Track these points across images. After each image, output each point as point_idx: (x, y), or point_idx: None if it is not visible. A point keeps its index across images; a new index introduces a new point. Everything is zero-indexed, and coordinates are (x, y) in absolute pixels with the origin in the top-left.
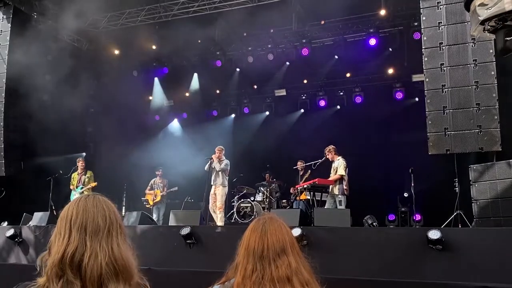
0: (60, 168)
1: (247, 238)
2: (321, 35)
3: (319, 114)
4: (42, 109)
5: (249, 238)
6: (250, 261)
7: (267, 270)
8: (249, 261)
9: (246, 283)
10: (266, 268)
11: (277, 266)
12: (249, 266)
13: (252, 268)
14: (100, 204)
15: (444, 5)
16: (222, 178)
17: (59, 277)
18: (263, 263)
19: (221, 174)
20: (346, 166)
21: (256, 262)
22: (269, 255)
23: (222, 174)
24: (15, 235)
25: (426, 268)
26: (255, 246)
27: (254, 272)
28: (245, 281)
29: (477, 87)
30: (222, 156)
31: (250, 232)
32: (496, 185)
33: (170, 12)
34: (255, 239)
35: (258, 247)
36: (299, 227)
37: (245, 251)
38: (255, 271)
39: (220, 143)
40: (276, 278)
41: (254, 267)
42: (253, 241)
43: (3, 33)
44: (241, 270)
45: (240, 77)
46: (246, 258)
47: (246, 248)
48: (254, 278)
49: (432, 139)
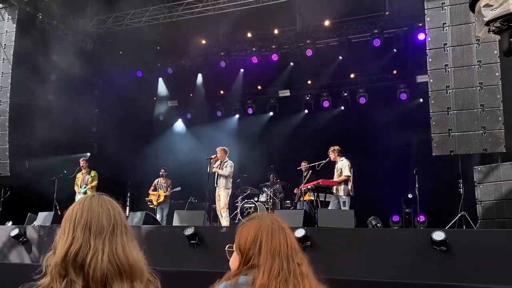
0: (65, 168)
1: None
2: (325, 36)
3: (323, 115)
4: (47, 109)
5: (270, 240)
6: (276, 262)
7: (291, 268)
8: (275, 262)
9: (271, 284)
10: (290, 266)
11: (297, 263)
12: (275, 266)
13: (278, 268)
14: (105, 204)
15: (449, 6)
16: (226, 180)
17: (63, 277)
18: (287, 262)
19: (224, 177)
20: (351, 167)
21: (282, 262)
22: (292, 253)
23: (226, 177)
24: (20, 234)
25: (430, 269)
26: (281, 247)
27: (280, 272)
28: (271, 282)
29: (482, 88)
30: (225, 157)
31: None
32: (500, 186)
33: (174, 13)
34: (279, 241)
35: (283, 248)
36: (303, 228)
37: (267, 253)
38: (281, 271)
39: (224, 144)
40: (299, 274)
41: (280, 267)
42: (277, 243)
43: (8, 34)
44: (265, 270)
45: (244, 77)
46: (271, 261)
47: (269, 251)
48: (281, 277)
49: (436, 140)
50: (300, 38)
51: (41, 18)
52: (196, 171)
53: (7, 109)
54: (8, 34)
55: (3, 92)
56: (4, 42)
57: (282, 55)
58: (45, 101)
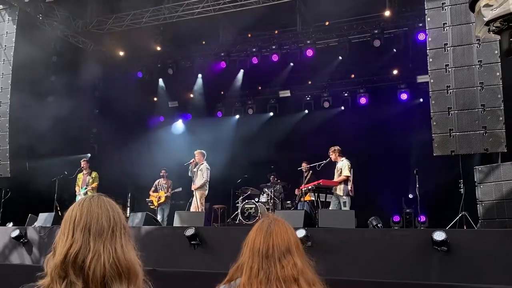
0: (65, 169)
1: (252, 238)
2: (325, 36)
3: (324, 115)
4: (47, 110)
5: (254, 238)
6: (255, 260)
7: (272, 269)
8: (254, 260)
9: (253, 283)
10: (272, 267)
11: (282, 266)
12: (254, 265)
13: (258, 268)
14: (104, 205)
15: (449, 6)
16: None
17: (62, 278)
18: (268, 262)
19: (199, 180)
20: (350, 167)
21: (261, 262)
22: (274, 255)
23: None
24: (20, 235)
25: (431, 269)
26: (260, 246)
27: (260, 272)
28: (251, 280)
29: (482, 88)
30: (202, 160)
31: (255, 232)
32: (501, 186)
33: (175, 13)
34: (260, 240)
35: (263, 247)
36: (303, 228)
37: (250, 251)
38: (261, 270)
39: (225, 144)
40: (282, 277)
41: (259, 266)
42: (258, 241)
43: (9, 35)
44: (247, 269)
45: (244, 78)
46: (251, 258)
47: (251, 248)
48: (261, 277)
49: (437, 140)
50: (300, 39)
51: (42, 19)
52: None
53: (8, 110)
54: (8, 35)
55: (3, 93)
56: (5, 43)
57: (282, 56)
58: (45, 102)
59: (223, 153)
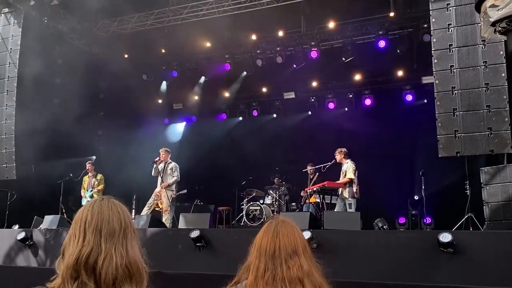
0: (71, 171)
1: (260, 239)
2: (330, 38)
3: (328, 117)
4: (53, 113)
5: (261, 239)
6: (262, 261)
7: (278, 270)
8: (261, 261)
9: (259, 283)
10: (278, 268)
11: (288, 266)
12: (261, 266)
13: (264, 268)
14: (115, 207)
15: (454, 7)
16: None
17: (74, 279)
18: (274, 263)
19: (170, 178)
20: (355, 169)
21: (268, 262)
22: (281, 255)
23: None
24: (26, 238)
25: (437, 271)
26: (267, 246)
27: (266, 272)
28: (258, 281)
29: (487, 89)
30: (168, 158)
31: (263, 233)
32: (507, 187)
33: (179, 16)
34: (267, 240)
35: (270, 248)
36: (308, 230)
37: (257, 251)
38: (267, 271)
39: (229, 146)
40: (288, 278)
41: (266, 267)
42: (265, 242)
43: (14, 38)
44: (253, 270)
45: (248, 80)
46: (258, 258)
47: (258, 248)
48: (267, 278)
49: (442, 141)
50: (305, 40)
51: (47, 22)
52: (201, 174)
53: (13, 112)
54: (13, 38)
55: (9, 96)
56: (10, 46)
57: (286, 57)
58: (50, 104)
59: (227, 155)
